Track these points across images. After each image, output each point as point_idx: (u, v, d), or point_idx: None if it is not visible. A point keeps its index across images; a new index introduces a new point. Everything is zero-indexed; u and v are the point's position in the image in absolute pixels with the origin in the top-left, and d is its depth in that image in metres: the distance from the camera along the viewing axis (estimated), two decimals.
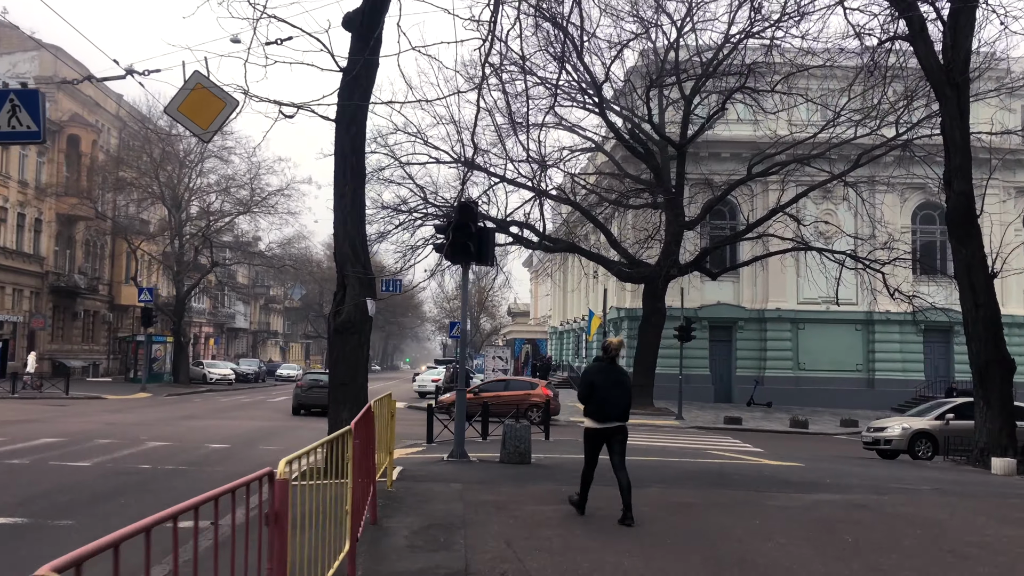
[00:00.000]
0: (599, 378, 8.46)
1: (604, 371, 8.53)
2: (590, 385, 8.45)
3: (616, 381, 8.47)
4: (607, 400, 8.39)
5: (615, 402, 8.41)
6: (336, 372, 11.00)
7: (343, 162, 11.18)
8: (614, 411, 8.43)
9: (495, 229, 33.28)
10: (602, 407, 8.41)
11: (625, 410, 8.51)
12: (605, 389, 8.39)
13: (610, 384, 8.41)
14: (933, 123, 32.12)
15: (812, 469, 14.27)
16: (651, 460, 14.73)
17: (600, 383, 8.42)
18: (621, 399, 8.46)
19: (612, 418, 8.44)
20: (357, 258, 11.15)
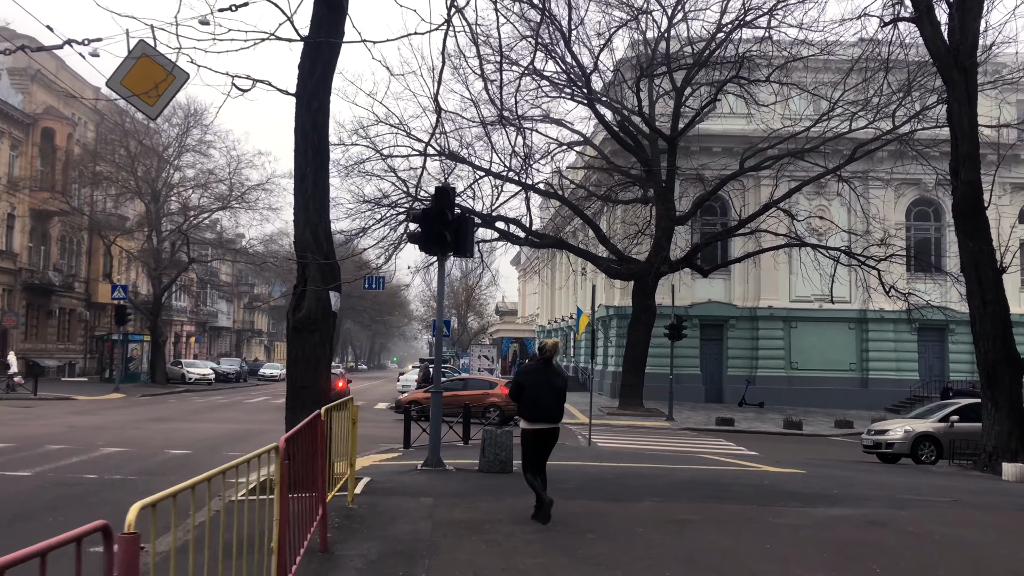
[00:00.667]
0: (529, 379, 8.50)
1: (536, 372, 8.56)
2: (519, 386, 8.48)
3: (548, 382, 8.44)
4: (537, 401, 8.37)
5: (546, 403, 8.39)
6: (294, 374, 9.91)
7: (304, 141, 10.09)
8: (545, 412, 8.41)
9: (480, 223, 32.33)
10: (532, 408, 8.40)
11: (556, 412, 8.49)
12: (535, 390, 8.36)
13: (541, 385, 8.38)
14: (931, 115, 31.49)
15: (815, 476, 13.28)
16: (643, 467, 13.71)
17: (529, 384, 8.43)
18: (552, 401, 8.44)
19: (542, 419, 8.41)
20: (319, 247, 10.07)
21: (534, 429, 8.46)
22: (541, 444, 8.53)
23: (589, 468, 13.10)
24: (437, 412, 12.33)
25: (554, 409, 8.46)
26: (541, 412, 8.40)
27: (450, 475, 11.47)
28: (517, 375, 8.93)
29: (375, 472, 11.82)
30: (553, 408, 8.45)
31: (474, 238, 12.43)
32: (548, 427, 8.50)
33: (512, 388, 8.66)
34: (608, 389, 40.71)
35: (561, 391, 8.58)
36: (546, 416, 8.43)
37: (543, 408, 8.39)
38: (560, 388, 8.58)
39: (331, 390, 10.17)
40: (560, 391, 8.57)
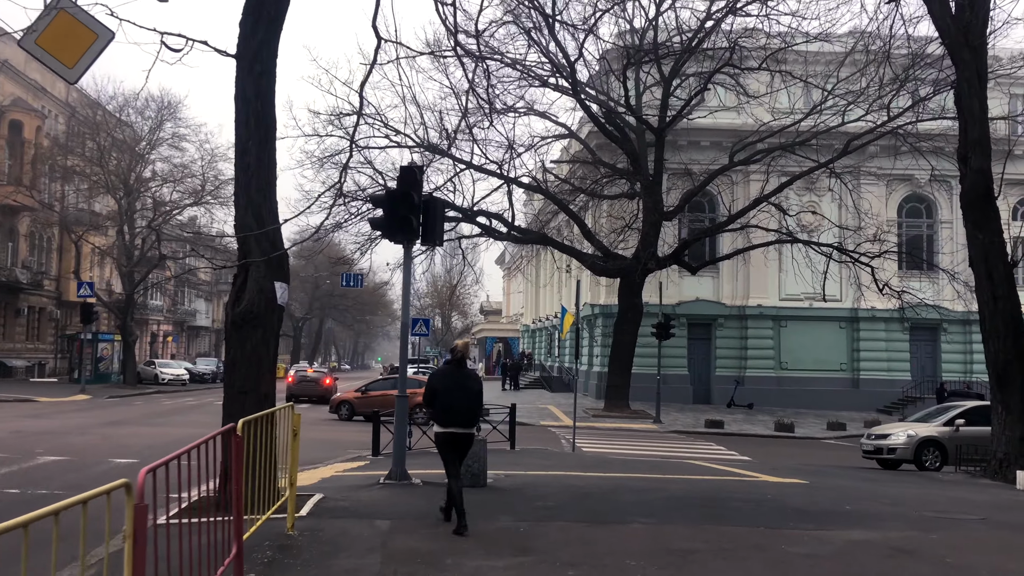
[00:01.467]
0: (442, 382, 8.31)
1: (449, 375, 8.36)
2: (432, 390, 8.31)
3: (462, 386, 8.28)
4: (451, 405, 8.18)
5: (459, 407, 8.21)
6: (233, 376, 8.61)
7: (245, 109, 8.80)
8: (457, 417, 8.21)
9: (461, 218, 31.11)
10: (445, 412, 8.20)
11: (471, 416, 8.31)
12: (449, 394, 8.19)
13: (454, 388, 8.22)
14: (928, 107, 30.52)
15: (819, 488, 12.10)
16: (631, 478, 12.48)
17: (443, 388, 8.24)
18: (466, 404, 8.25)
19: (455, 423, 8.21)
20: (263, 231, 8.78)
21: (446, 433, 8.23)
22: (453, 449, 8.28)
23: (572, 480, 11.87)
24: (402, 418, 11.06)
25: (468, 413, 8.25)
26: (454, 416, 8.18)
27: (415, 490, 10.20)
28: (430, 378, 8.65)
29: (332, 486, 10.55)
30: (467, 412, 8.23)
31: (444, 224, 11.14)
32: (461, 432, 8.25)
33: (425, 393, 8.39)
34: (593, 390, 39.53)
35: (477, 395, 8.39)
36: (459, 421, 8.19)
37: (456, 413, 8.18)
38: (476, 392, 8.38)
39: (274, 395, 8.88)
40: (476, 395, 8.37)
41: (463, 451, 8.43)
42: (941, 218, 40.12)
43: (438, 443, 8.42)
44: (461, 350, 8.56)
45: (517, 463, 14.61)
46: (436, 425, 8.38)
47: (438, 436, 8.35)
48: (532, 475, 12.34)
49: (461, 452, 8.40)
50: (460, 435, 8.26)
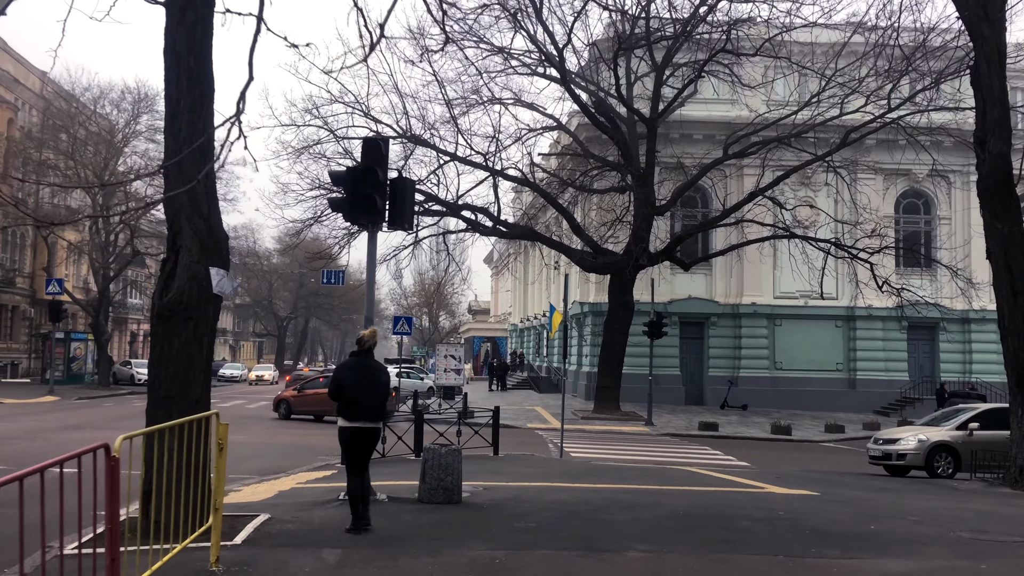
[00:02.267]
0: (349, 375, 8.01)
1: (355, 367, 8.07)
2: (338, 383, 8.00)
3: (370, 378, 8.02)
4: (359, 399, 7.91)
5: (365, 401, 7.95)
6: (157, 378, 7.30)
7: (176, 65, 7.52)
8: (366, 411, 7.98)
9: (445, 212, 29.88)
10: (353, 406, 7.92)
11: (377, 410, 8.09)
12: (357, 387, 7.92)
13: (363, 381, 7.96)
14: (926, 100, 29.46)
15: (834, 502, 10.89)
16: (625, 490, 11.24)
17: (350, 381, 7.95)
18: (373, 397, 8.02)
19: (363, 418, 7.97)
20: (197, 209, 7.50)
21: (353, 428, 7.93)
22: (360, 444, 7.99)
23: (559, 493, 10.62)
24: None
25: (377, 407, 8.01)
26: (362, 411, 7.90)
27: (378, 509, 8.91)
28: (336, 371, 8.29)
29: (285, 503, 9.27)
30: (376, 406, 8.00)
31: (414, 206, 9.86)
32: (369, 426, 8.00)
33: (331, 386, 8.05)
34: (583, 391, 38.30)
35: (385, 387, 8.14)
36: (368, 414, 7.94)
37: (365, 406, 7.91)
38: (384, 384, 8.13)
39: (208, 402, 7.59)
40: (384, 387, 8.13)
41: (371, 447, 8.14)
42: (939, 214, 39.07)
43: (343, 439, 8.00)
44: (368, 340, 8.20)
45: (499, 472, 13.36)
46: (342, 420, 7.97)
47: (344, 432, 7.95)
48: (514, 487, 11.09)
49: (368, 448, 8.09)
50: (368, 430, 7.97)
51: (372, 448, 8.24)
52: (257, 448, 18.09)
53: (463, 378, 36.78)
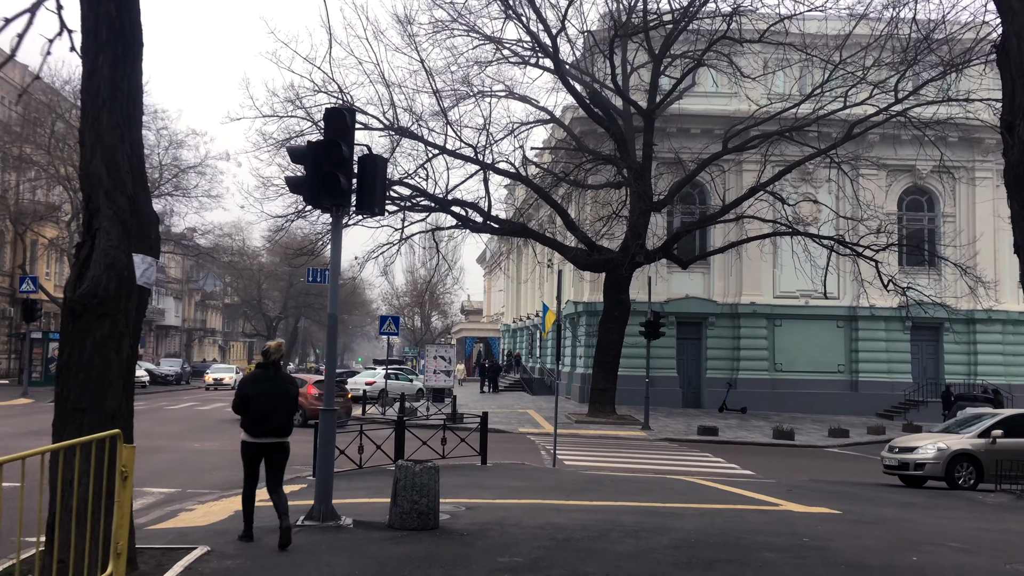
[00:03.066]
0: (254, 388, 7.70)
1: (261, 380, 7.76)
2: (243, 397, 7.69)
3: (274, 391, 7.72)
4: (265, 413, 7.62)
5: (275, 416, 7.67)
6: (67, 387, 6.05)
7: (93, 13, 6.29)
8: (270, 425, 7.67)
9: (435, 207, 28.62)
10: (259, 421, 7.63)
11: (285, 425, 7.77)
12: (263, 400, 7.61)
13: (269, 394, 7.66)
14: (934, 91, 28.36)
15: (861, 523, 9.71)
16: (626, 510, 10.02)
17: (255, 393, 7.64)
18: (283, 412, 7.74)
19: (268, 432, 7.67)
20: (120, 185, 6.27)
21: (259, 444, 7.62)
22: (269, 461, 7.68)
23: (552, 514, 9.40)
24: (327, 439, 8.54)
25: (283, 421, 7.69)
26: (268, 425, 7.59)
27: (340, 538, 7.67)
28: (241, 384, 7.88)
29: (234, 528, 8.04)
30: (282, 420, 7.68)
31: (385, 187, 8.64)
32: (276, 442, 7.67)
33: (236, 399, 7.71)
34: (577, 393, 37.10)
35: (293, 401, 7.88)
36: (274, 430, 7.62)
37: (271, 421, 7.58)
38: (293, 398, 7.86)
39: (128, 416, 6.33)
40: (293, 401, 7.85)
41: (279, 462, 7.73)
42: (943, 211, 37.99)
43: (247, 455, 7.66)
44: (275, 352, 7.88)
45: (485, 485, 12.15)
46: (246, 435, 7.62)
47: (248, 448, 7.62)
48: (501, 506, 9.88)
49: (279, 464, 7.73)
50: (275, 445, 7.62)
51: (282, 465, 7.80)
52: (227, 457, 16.80)
53: (453, 380, 35.57)
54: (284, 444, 7.77)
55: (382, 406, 29.51)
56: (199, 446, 17.96)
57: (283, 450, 7.79)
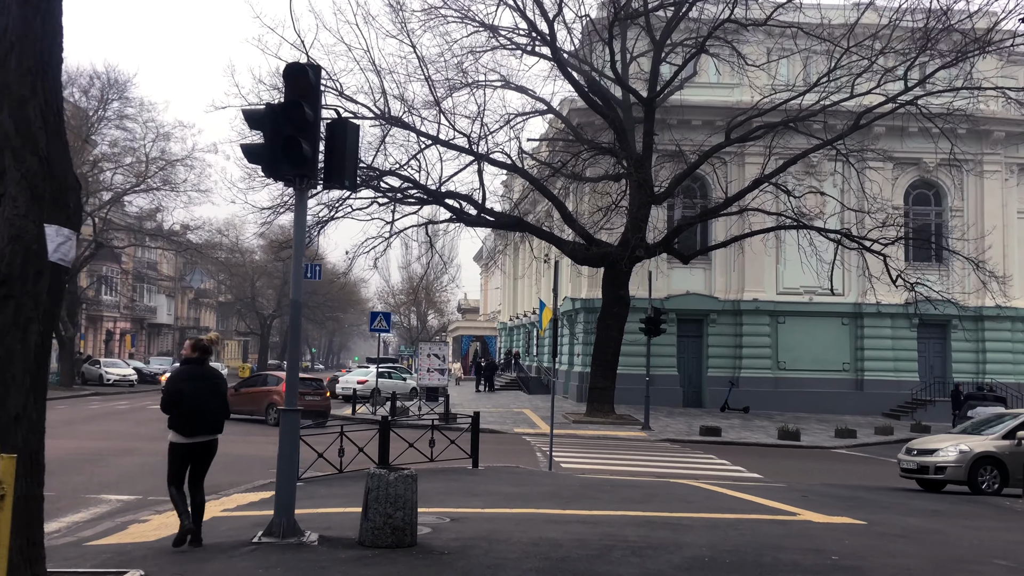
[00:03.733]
0: (189, 385, 7.28)
1: (194, 376, 7.37)
2: (178, 393, 7.25)
3: (207, 387, 7.36)
4: (200, 410, 7.20)
5: (209, 413, 7.30)
6: None
7: None
8: (207, 423, 7.30)
9: (428, 199, 27.58)
10: (193, 419, 7.19)
11: (220, 422, 7.44)
12: (197, 397, 7.20)
13: (203, 391, 7.26)
14: (943, 80, 27.40)
15: (890, 535, 8.73)
16: (628, 521, 9.02)
17: (190, 390, 7.22)
18: (217, 409, 7.40)
19: (204, 431, 7.30)
20: (29, 143, 5.26)
21: (191, 444, 7.26)
22: (198, 461, 7.35)
23: (546, 527, 8.39)
24: (290, 441, 7.52)
25: (217, 418, 7.40)
26: (203, 423, 7.26)
27: (300, 558, 6.66)
28: (173, 381, 7.47)
29: (181, 548, 7.00)
30: (216, 417, 7.39)
31: (357, 159, 7.62)
32: (209, 440, 7.39)
33: (167, 397, 7.27)
34: (574, 392, 36.09)
35: (225, 396, 7.58)
36: (208, 427, 7.33)
37: (205, 419, 7.26)
38: (224, 393, 7.57)
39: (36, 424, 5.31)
40: (224, 396, 7.56)
41: (208, 461, 7.43)
42: (950, 205, 37.00)
43: (178, 456, 7.22)
44: (207, 346, 7.52)
45: (475, 492, 11.15)
46: (176, 434, 7.21)
47: (180, 448, 7.22)
48: (490, 517, 8.88)
49: (206, 462, 7.41)
50: (207, 444, 7.32)
51: (209, 464, 7.47)
52: None
53: (447, 379, 34.57)
54: (215, 442, 7.43)
55: (373, 405, 28.51)
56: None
57: (214, 449, 7.45)
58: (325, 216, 25.94)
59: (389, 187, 26.85)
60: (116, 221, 45.48)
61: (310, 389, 24.92)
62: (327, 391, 25.60)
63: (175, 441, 7.27)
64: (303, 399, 24.11)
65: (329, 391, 29.26)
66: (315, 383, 26.04)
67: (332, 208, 25.85)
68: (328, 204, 26.70)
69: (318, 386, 25.53)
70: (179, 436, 7.22)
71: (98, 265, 55.84)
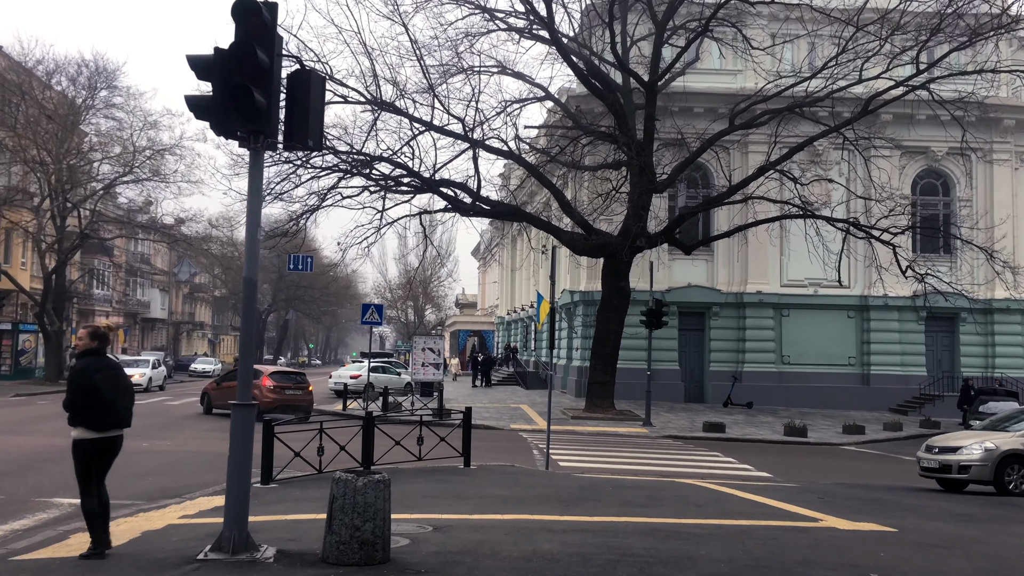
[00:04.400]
0: (102, 378, 6.72)
1: (104, 368, 6.84)
2: (93, 388, 6.65)
3: (118, 379, 6.96)
4: (115, 403, 6.80)
5: (121, 404, 6.91)
6: None
7: None
8: (120, 416, 6.89)
9: (421, 186, 26.60)
10: (107, 412, 6.74)
11: (129, 415, 7.02)
12: (109, 391, 6.76)
13: (113, 384, 6.84)
14: (953, 63, 26.47)
15: (924, 543, 7.80)
16: (633, 528, 8.06)
17: (104, 384, 6.73)
18: (128, 401, 7.04)
19: (117, 424, 6.88)
20: None
21: (104, 439, 6.78)
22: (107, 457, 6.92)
23: (541, 537, 7.42)
24: (241, 444, 6.52)
25: (128, 412, 7.01)
26: (116, 416, 6.84)
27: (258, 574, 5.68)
28: (82, 373, 6.76)
29: (119, 561, 6.05)
30: (128, 411, 7.00)
31: (323, 117, 6.63)
32: (119, 434, 6.95)
33: (78, 392, 6.68)
34: (573, 387, 35.12)
35: (132, 388, 7.25)
36: (121, 420, 6.91)
37: (118, 411, 6.86)
38: (131, 385, 7.24)
39: None
40: (131, 388, 7.24)
41: (113, 457, 7.00)
42: (958, 196, 36.01)
43: (89, 454, 6.71)
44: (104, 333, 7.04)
45: (464, 495, 10.19)
46: (86, 431, 6.67)
47: (92, 444, 6.69)
48: (478, 525, 7.91)
49: (111, 459, 6.98)
50: (117, 438, 6.92)
51: (113, 459, 7.02)
52: (174, 459, 14.87)
53: (446, 374, 33.65)
54: (122, 438, 7.00)
55: (365, 400, 27.55)
56: (147, 446, 15.99)
57: (120, 444, 7.01)
58: (314, 204, 24.93)
59: (380, 174, 25.85)
60: (106, 213, 44.50)
61: (292, 383, 24.00)
62: (310, 385, 24.65)
63: (85, 437, 6.69)
64: (284, 393, 23.24)
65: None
66: (298, 377, 25.11)
67: (321, 196, 24.85)
68: (318, 192, 25.75)
69: (301, 380, 24.60)
70: (89, 431, 6.66)
71: (88, 258, 54.86)
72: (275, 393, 22.93)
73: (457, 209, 28.05)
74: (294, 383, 24.11)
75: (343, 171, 25.07)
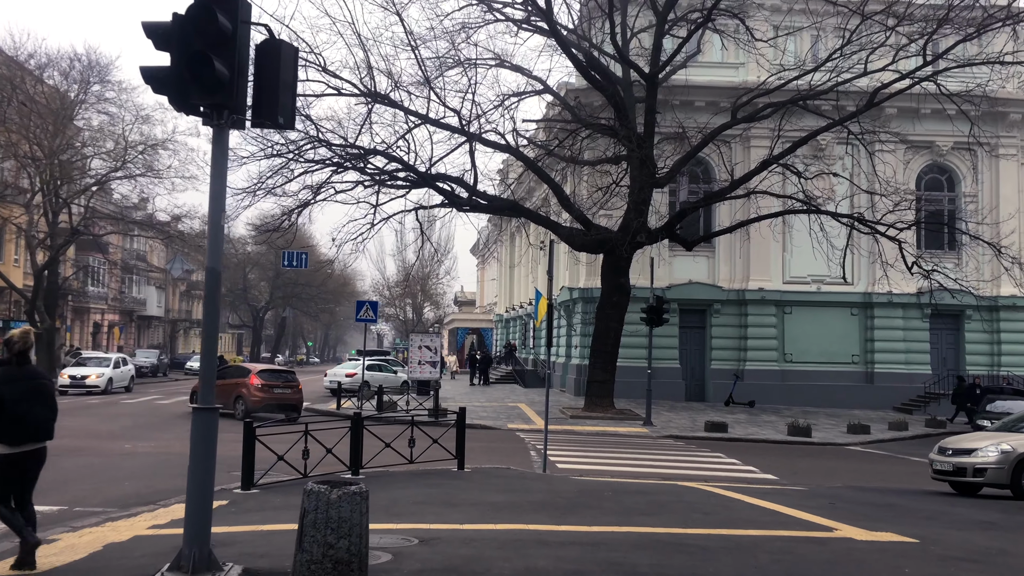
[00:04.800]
0: (11, 389, 6.24)
1: (14, 377, 6.35)
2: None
3: (31, 388, 6.39)
4: (27, 416, 6.26)
5: (36, 417, 6.37)
6: None
7: None
8: (35, 429, 6.38)
9: (418, 180, 26.03)
10: (20, 425, 6.25)
11: (49, 427, 6.52)
12: (20, 402, 6.24)
13: (26, 394, 6.31)
14: (959, 55, 25.86)
15: (950, 556, 7.25)
16: (637, 541, 7.49)
17: (11, 395, 6.20)
18: (46, 413, 6.47)
19: (33, 438, 6.39)
20: None
21: (18, 454, 6.25)
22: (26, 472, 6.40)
23: (535, 552, 6.85)
24: (203, 451, 5.92)
25: (48, 424, 6.48)
26: (30, 430, 6.28)
27: None
28: None
29: None
30: (47, 422, 6.46)
31: (296, 91, 6.04)
32: (38, 447, 6.43)
33: None
34: (572, 385, 34.54)
35: (54, 398, 6.61)
36: (37, 434, 6.37)
37: (32, 424, 6.29)
38: (52, 393, 6.60)
39: None
40: (53, 398, 6.60)
41: (38, 471, 6.58)
42: (964, 191, 35.42)
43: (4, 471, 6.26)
44: (20, 340, 6.46)
45: (455, 501, 9.60)
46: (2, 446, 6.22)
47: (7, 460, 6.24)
48: (469, 537, 7.33)
49: (35, 474, 6.56)
50: (37, 452, 6.46)
51: (38, 473, 6.59)
52: (155, 462, 14.26)
53: (443, 372, 33.05)
54: (45, 451, 6.56)
55: (359, 399, 26.96)
56: (129, 447, 15.41)
57: (43, 458, 6.58)
58: (307, 199, 24.34)
59: (375, 168, 25.26)
60: (100, 209, 43.90)
61: (281, 381, 23.45)
62: (300, 383, 24.10)
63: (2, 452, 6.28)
64: (272, 392, 22.70)
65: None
66: (287, 375, 24.55)
67: (314, 191, 24.26)
68: (311, 187, 25.18)
69: (290, 378, 24.04)
70: (5, 447, 6.23)
71: (83, 255, 54.24)
72: (263, 392, 22.41)
73: (453, 204, 27.47)
74: (283, 382, 23.56)
75: (337, 165, 24.49)
